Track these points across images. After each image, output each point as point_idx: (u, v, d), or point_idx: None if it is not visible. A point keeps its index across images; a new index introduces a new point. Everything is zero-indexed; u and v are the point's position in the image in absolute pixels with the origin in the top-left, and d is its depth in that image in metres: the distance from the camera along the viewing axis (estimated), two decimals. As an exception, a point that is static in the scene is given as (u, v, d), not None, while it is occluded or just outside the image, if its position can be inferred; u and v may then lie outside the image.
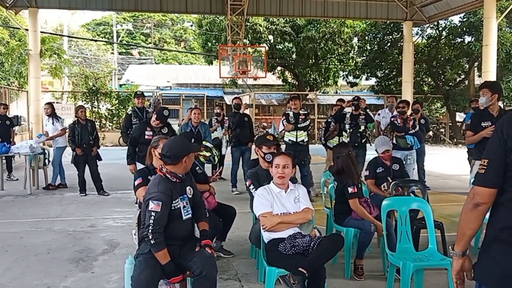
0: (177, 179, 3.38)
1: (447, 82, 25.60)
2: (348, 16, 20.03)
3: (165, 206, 3.22)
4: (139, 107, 8.35)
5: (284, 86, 29.45)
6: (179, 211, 3.35)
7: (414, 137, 8.29)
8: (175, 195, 3.32)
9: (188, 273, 3.34)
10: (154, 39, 47.90)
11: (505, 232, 1.88)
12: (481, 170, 1.89)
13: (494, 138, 1.90)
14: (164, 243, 3.17)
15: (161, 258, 3.17)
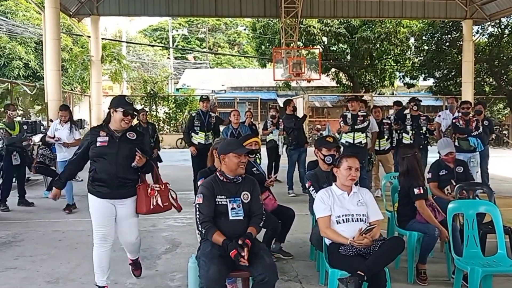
0: (226, 179, 3.62)
1: (510, 82, 24.53)
2: (404, 16, 19.58)
3: (206, 198, 3.53)
4: (204, 110, 8.51)
5: (338, 87, 29.14)
6: (224, 208, 3.52)
7: (477, 139, 8.00)
8: (220, 192, 3.56)
9: (249, 274, 3.39)
10: (208, 44, 48.73)
11: None
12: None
13: None
14: (213, 227, 3.44)
15: (217, 240, 3.37)
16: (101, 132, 3.92)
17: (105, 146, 3.86)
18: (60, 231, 6.52)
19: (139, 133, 4.10)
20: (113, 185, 3.87)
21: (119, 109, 3.88)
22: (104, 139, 3.89)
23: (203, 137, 8.30)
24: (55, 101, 12.68)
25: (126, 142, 3.92)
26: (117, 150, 3.87)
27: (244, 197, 3.60)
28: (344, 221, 3.69)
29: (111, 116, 3.95)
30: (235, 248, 3.26)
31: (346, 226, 3.67)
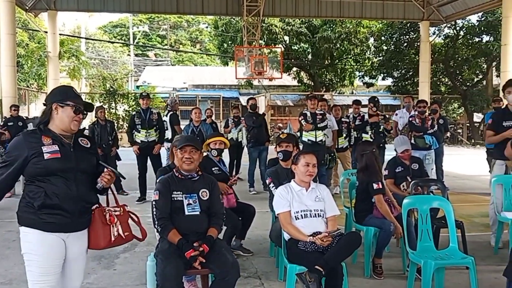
0: (181, 175, 3.62)
1: (465, 82, 25.39)
2: (364, 16, 19.96)
3: (162, 195, 3.50)
4: (144, 108, 8.40)
5: (299, 86, 29.45)
6: (180, 204, 3.52)
7: (432, 137, 8.24)
8: (176, 188, 3.54)
9: (209, 271, 3.40)
10: (170, 41, 48.24)
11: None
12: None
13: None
14: (170, 225, 3.41)
15: (172, 239, 3.36)
16: (44, 138, 2.74)
17: (58, 159, 2.71)
18: (14, 231, 6.33)
19: (91, 139, 3.05)
20: (75, 212, 2.76)
21: (67, 104, 2.79)
22: (53, 148, 2.73)
23: (144, 134, 8.21)
24: (10, 98, 12.30)
25: (82, 151, 2.86)
26: (75, 163, 2.78)
27: (203, 194, 3.60)
28: (303, 216, 3.75)
29: (51, 114, 2.79)
30: (191, 249, 3.27)
31: (304, 221, 3.72)
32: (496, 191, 5.33)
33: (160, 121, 8.52)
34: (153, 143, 8.22)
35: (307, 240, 3.54)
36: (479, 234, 6.06)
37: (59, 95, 2.85)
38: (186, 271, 3.35)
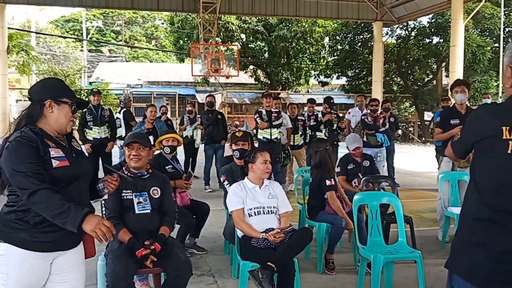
0: (130, 173, 3.56)
1: (416, 82, 26.14)
2: (319, 15, 20.18)
3: (111, 194, 3.23)
4: (95, 104, 8.23)
5: (256, 85, 29.54)
6: (130, 203, 3.47)
7: (384, 135, 8.45)
8: (126, 186, 3.45)
9: (161, 269, 3.37)
10: (124, 37, 47.34)
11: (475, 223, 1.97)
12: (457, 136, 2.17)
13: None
14: (120, 224, 3.35)
15: (122, 237, 3.32)
16: (48, 141, 2.34)
17: (67, 167, 2.34)
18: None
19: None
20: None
21: (64, 101, 2.41)
22: (59, 153, 2.34)
23: (96, 131, 8.06)
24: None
25: (80, 156, 2.52)
26: (80, 170, 2.43)
27: (154, 192, 3.56)
28: (256, 213, 3.78)
29: (42, 112, 2.38)
30: (143, 247, 3.23)
31: (257, 218, 3.75)
32: (443, 187, 5.52)
33: (112, 118, 8.36)
34: (105, 140, 8.07)
35: (259, 237, 3.57)
36: (428, 229, 6.26)
37: (54, 90, 2.44)
38: (138, 270, 3.31)
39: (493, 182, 1.93)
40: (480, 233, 1.95)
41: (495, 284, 1.93)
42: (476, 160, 2.01)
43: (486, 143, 1.93)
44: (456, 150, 2.25)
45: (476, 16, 19.54)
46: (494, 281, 1.92)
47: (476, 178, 2.01)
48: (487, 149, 1.93)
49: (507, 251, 1.89)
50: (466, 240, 2.02)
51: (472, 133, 1.99)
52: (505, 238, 1.90)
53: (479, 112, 2.04)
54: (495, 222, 1.92)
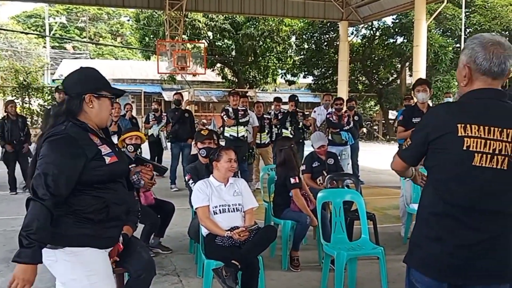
0: None
1: (381, 81, 26.59)
2: (286, 14, 20.30)
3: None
4: (59, 102, 8.02)
5: (223, 83, 29.47)
6: None
7: (348, 133, 8.58)
8: None
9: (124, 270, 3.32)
10: (89, 33, 46.41)
11: (430, 217, 2.04)
12: (408, 143, 2.14)
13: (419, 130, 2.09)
14: None
15: None
16: (94, 137, 2.33)
17: (117, 163, 2.35)
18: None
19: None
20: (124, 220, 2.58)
21: (104, 94, 2.37)
22: (107, 150, 2.33)
23: None
24: None
25: (120, 150, 2.56)
26: (127, 165, 2.49)
27: None
28: (221, 211, 3.77)
29: (82, 107, 2.34)
30: None
31: (222, 216, 3.75)
32: (405, 184, 5.63)
33: None
34: None
35: (224, 235, 3.56)
36: (391, 226, 6.38)
37: (91, 82, 2.37)
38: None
39: (448, 177, 1.99)
40: (436, 227, 2.02)
41: (449, 277, 2.00)
42: (430, 157, 2.06)
43: (442, 140, 1.98)
44: (406, 157, 2.17)
45: (438, 17, 20.03)
46: (449, 273, 1.99)
47: (431, 174, 2.08)
48: (443, 146, 1.99)
49: (461, 245, 1.96)
50: (423, 234, 2.09)
51: (428, 131, 2.03)
52: (460, 232, 1.97)
53: (434, 111, 2.10)
54: (450, 216, 1.98)
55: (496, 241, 1.96)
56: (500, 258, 1.97)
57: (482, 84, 2.00)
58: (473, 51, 1.99)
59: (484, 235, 1.95)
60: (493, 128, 1.92)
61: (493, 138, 1.92)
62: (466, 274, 1.97)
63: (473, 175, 1.93)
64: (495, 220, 1.96)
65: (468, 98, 2.03)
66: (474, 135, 1.92)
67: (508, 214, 1.99)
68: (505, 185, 1.96)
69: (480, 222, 1.95)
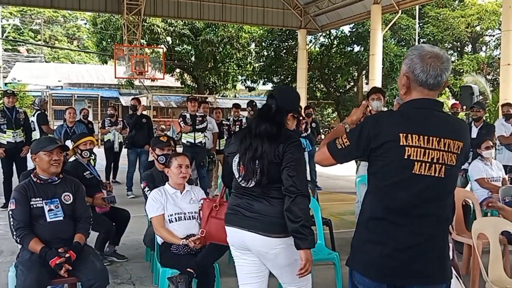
0: (40, 180, 3.40)
1: (338, 89, 27.05)
2: (245, 21, 20.38)
3: (19, 203, 3.26)
4: (9, 107, 7.77)
5: (183, 88, 29.28)
6: (41, 211, 3.31)
7: (306, 140, 8.66)
8: (35, 194, 3.32)
9: (76, 279, 3.25)
10: (44, 36, 45.18)
11: (370, 222, 2.13)
12: (345, 143, 2.15)
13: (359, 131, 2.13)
14: (30, 234, 3.21)
15: (34, 247, 3.16)
16: None
17: None
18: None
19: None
20: None
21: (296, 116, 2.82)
22: None
23: (11, 135, 7.61)
24: None
25: None
26: None
27: (66, 198, 3.42)
28: (177, 219, 3.73)
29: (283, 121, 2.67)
30: (57, 256, 3.09)
31: (178, 224, 3.71)
32: (360, 190, 5.73)
33: (27, 121, 7.95)
34: (21, 144, 7.63)
35: (180, 243, 3.52)
36: (347, 231, 6.45)
37: (296, 104, 2.80)
38: (51, 281, 3.16)
39: (389, 184, 2.07)
40: (375, 231, 2.10)
41: (388, 278, 2.08)
42: (372, 164, 2.12)
43: (384, 148, 2.05)
44: (338, 156, 2.18)
45: (393, 27, 20.59)
46: (387, 275, 2.07)
47: (371, 179, 2.15)
48: (385, 154, 2.06)
49: (398, 247, 2.05)
50: (363, 238, 2.16)
51: (369, 140, 2.07)
52: (398, 235, 2.05)
53: (377, 119, 2.13)
54: (389, 221, 2.06)
55: (430, 244, 2.06)
56: (433, 259, 2.07)
57: (419, 94, 2.09)
58: (412, 62, 2.07)
59: (420, 238, 2.04)
60: (432, 138, 2.01)
61: (432, 148, 2.01)
62: (402, 275, 2.06)
63: (413, 182, 2.02)
64: (431, 224, 2.06)
65: (407, 107, 2.12)
66: (415, 144, 2.00)
67: (444, 218, 2.10)
68: (442, 192, 2.07)
69: (417, 226, 2.04)
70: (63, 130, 8.48)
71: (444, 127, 2.05)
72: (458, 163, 2.07)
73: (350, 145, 2.12)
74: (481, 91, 17.72)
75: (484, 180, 5.80)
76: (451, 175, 2.06)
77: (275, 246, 2.56)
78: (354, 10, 17.84)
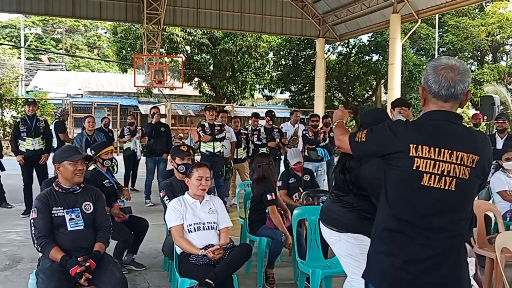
0: (62, 189, 3.43)
1: (356, 98, 26.91)
2: (264, 30, 20.46)
3: (41, 212, 3.29)
4: (29, 115, 7.89)
5: (201, 97, 29.44)
6: (62, 220, 3.34)
7: (324, 150, 8.64)
8: (56, 203, 3.36)
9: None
10: (65, 45, 45.92)
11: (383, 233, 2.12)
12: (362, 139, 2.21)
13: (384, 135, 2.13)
14: (51, 243, 3.22)
15: (54, 256, 3.18)
16: None
17: None
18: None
19: None
20: None
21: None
22: None
23: (30, 143, 7.72)
24: None
25: None
26: None
27: (86, 207, 3.44)
28: (196, 229, 3.72)
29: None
30: (77, 265, 3.11)
31: (197, 234, 3.70)
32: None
33: (48, 129, 8.06)
34: (39, 152, 7.74)
35: (199, 253, 3.52)
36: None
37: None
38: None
39: (399, 194, 2.06)
40: (388, 242, 2.09)
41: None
42: (386, 172, 2.12)
43: (393, 158, 2.06)
44: (354, 146, 2.27)
45: (412, 36, 20.45)
46: (397, 287, 2.05)
47: (385, 190, 2.13)
48: (394, 164, 2.06)
49: (409, 260, 2.02)
50: (376, 250, 2.15)
51: (379, 148, 2.12)
52: (409, 248, 2.03)
53: (393, 127, 2.12)
54: (401, 232, 2.05)
55: (443, 258, 2.02)
56: (446, 274, 2.02)
57: (434, 106, 2.08)
58: (426, 73, 2.08)
59: (432, 252, 2.01)
60: (443, 150, 1.98)
61: (443, 160, 1.98)
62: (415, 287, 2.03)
63: (422, 194, 2.00)
64: (443, 238, 2.02)
65: (423, 118, 2.12)
66: (425, 156, 1.98)
67: (458, 234, 2.05)
68: (452, 205, 2.02)
69: (428, 239, 2.01)
70: (84, 139, 8.56)
71: (459, 140, 2.01)
72: (472, 176, 2.02)
73: (365, 141, 2.19)
74: (502, 100, 17.47)
75: (506, 192, 5.70)
76: (463, 189, 2.02)
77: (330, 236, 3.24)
78: (373, 19, 17.79)
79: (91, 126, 8.68)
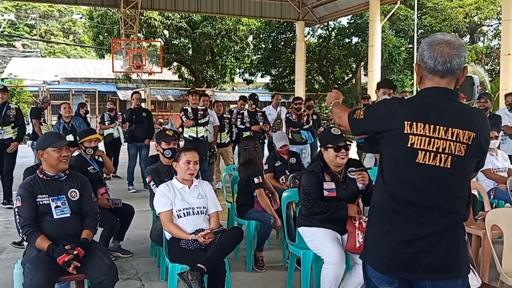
0: (46, 176, 3.33)
1: (336, 81, 26.95)
2: (243, 14, 20.23)
3: (25, 200, 3.20)
4: (0, 103, 7.54)
5: (180, 82, 29.13)
6: (47, 208, 3.25)
7: (308, 132, 8.63)
8: (41, 191, 3.27)
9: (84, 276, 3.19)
10: (40, 31, 44.88)
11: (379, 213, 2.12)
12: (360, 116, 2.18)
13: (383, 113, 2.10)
14: (36, 231, 3.14)
15: (41, 245, 3.10)
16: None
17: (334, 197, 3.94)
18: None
19: None
20: None
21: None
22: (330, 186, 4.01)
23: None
24: None
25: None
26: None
27: (72, 194, 3.36)
28: (185, 214, 3.67)
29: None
30: (65, 253, 3.03)
31: (187, 219, 3.65)
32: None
33: (20, 117, 7.55)
34: (8, 141, 7.33)
35: (189, 238, 3.47)
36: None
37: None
38: (59, 278, 3.11)
39: (394, 173, 2.04)
40: (385, 222, 2.07)
41: (397, 271, 2.04)
42: (382, 151, 2.11)
43: (388, 135, 2.04)
44: (352, 124, 2.24)
45: (391, 18, 20.50)
46: (396, 268, 2.04)
47: (381, 169, 2.11)
48: (389, 142, 2.04)
49: (406, 239, 2.01)
50: (373, 230, 2.14)
51: (376, 125, 2.10)
52: (405, 227, 2.01)
53: (389, 104, 2.10)
54: (396, 211, 2.03)
55: (439, 237, 2.00)
56: (443, 254, 2.00)
57: (430, 82, 2.05)
58: (421, 49, 2.05)
59: (427, 230, 1.99)
60: (438, 127, 1.96)
61: (438, 137, 1.96)
62: (412, 268, 2.01)
63: (417, 172, 1.98)
64: (439, 217, 2.00)
65: (419, 95, 2.09)
66: (419, 133, 1.96)
67: (454, 212, 2.03)
68: (448, 183, 2.00)
69: (424, 218, 1.99)
70: (61, 126, 8.40)
71: (455, 116, 1.99)
72: (468, 153, 1.99)
73: (363, 119, 2.16)
74: (481, 81, 17.67)
75: (490, 170, 5.77)
76: (459, 166, 1.99)
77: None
78: (352, 1, 17.70)
79: (68, 112, 8.53)
